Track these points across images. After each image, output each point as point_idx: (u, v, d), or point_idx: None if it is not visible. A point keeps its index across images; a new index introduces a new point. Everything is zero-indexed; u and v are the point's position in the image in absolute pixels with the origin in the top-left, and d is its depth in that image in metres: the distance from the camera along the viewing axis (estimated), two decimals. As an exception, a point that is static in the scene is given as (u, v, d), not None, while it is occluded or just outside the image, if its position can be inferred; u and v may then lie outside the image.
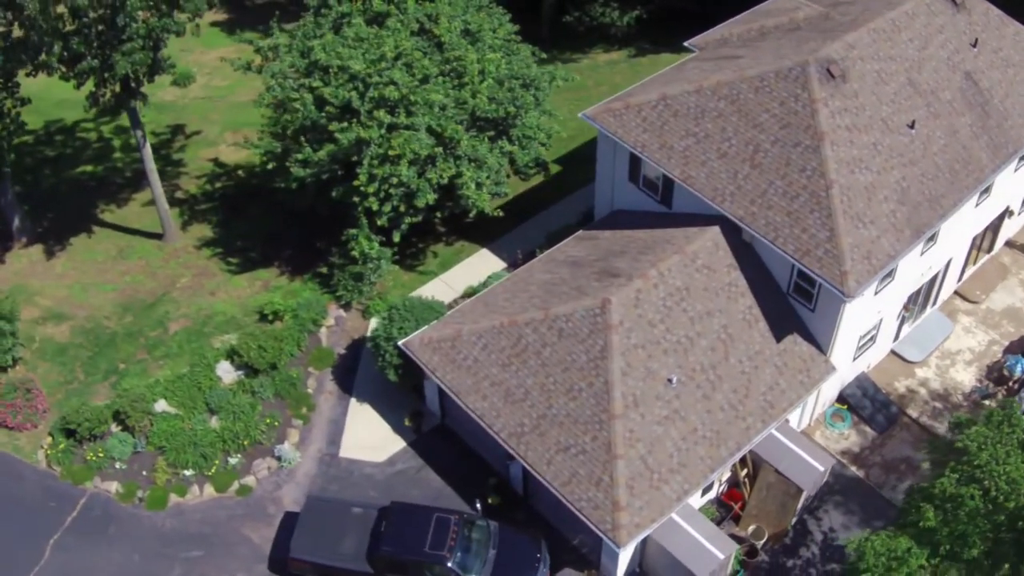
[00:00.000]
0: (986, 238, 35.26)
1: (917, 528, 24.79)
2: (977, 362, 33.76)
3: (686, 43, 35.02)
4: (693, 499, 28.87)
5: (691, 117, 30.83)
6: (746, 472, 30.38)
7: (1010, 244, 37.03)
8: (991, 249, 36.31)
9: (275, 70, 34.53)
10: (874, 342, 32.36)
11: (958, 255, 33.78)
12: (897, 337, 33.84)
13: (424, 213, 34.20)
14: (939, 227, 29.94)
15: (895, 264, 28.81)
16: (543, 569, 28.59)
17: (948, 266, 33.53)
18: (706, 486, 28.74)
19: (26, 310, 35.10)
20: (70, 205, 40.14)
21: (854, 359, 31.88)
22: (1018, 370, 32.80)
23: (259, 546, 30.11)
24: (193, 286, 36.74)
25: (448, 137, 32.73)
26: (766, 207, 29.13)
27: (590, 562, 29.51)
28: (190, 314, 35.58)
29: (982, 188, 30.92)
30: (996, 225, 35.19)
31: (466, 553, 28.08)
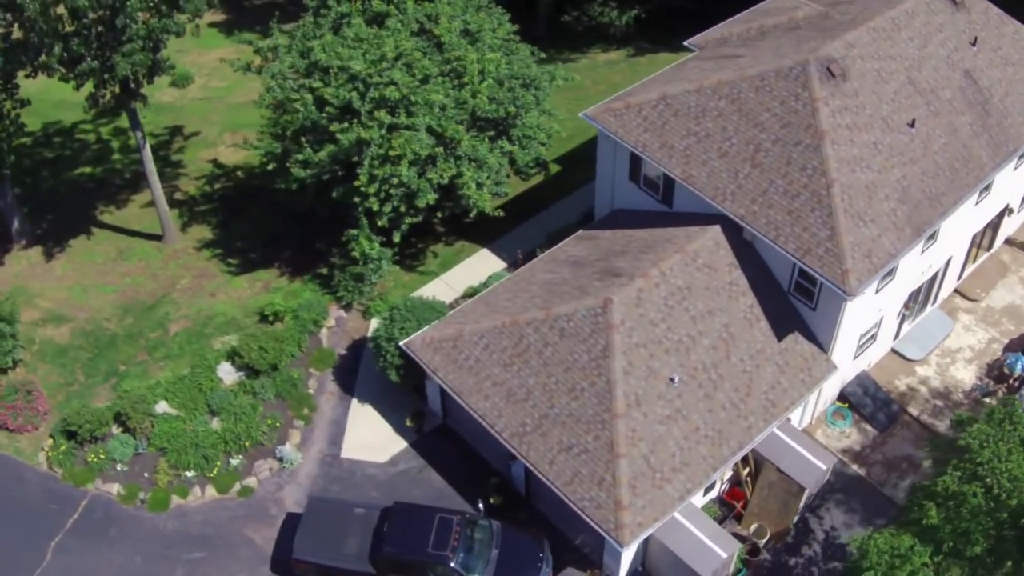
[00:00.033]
0: (986, 236, 35.29)
1: (920, 526, 24.84)
2: (977, 360, 33.79)
3: (686, 42, 34.99)
4: (695, 498, 28.87)
5: (692, 116, 30.83)
6: (748, 471, 30.39)
7: (1010, 242, 37.05)
8: (991, 247, 36.34)
9: (275, 71, 34.46)
10: (875, 340, 32.38)
11: (958, 253, 33.81)
12: (897, 335, 33.87)
13: (424, 213, 34.18)
14: (939, 225, 29.98)
15: (896, 262, 28.82)
16: (546, 569, 28.58)
17: (948, 264, 33.55)
18: (708, 485, 28.75)
19: (26, 312, 35.03)
20: (69, 207, 40.07)
21: (855, 357, 31.90)
22: (1018, 368, 32.83)
23: (261, 547, 30.09)
24: (193, 287, 36.70)
25: (449, 137, 32.70)
26: (767, 206, 29.15)
27: (592, 562, 29.52)
28: (190, 315, 35.54)
29: (982, 186, 30.96)
30: (996, 223, 35.22)
31: (469, 553, 28.05)
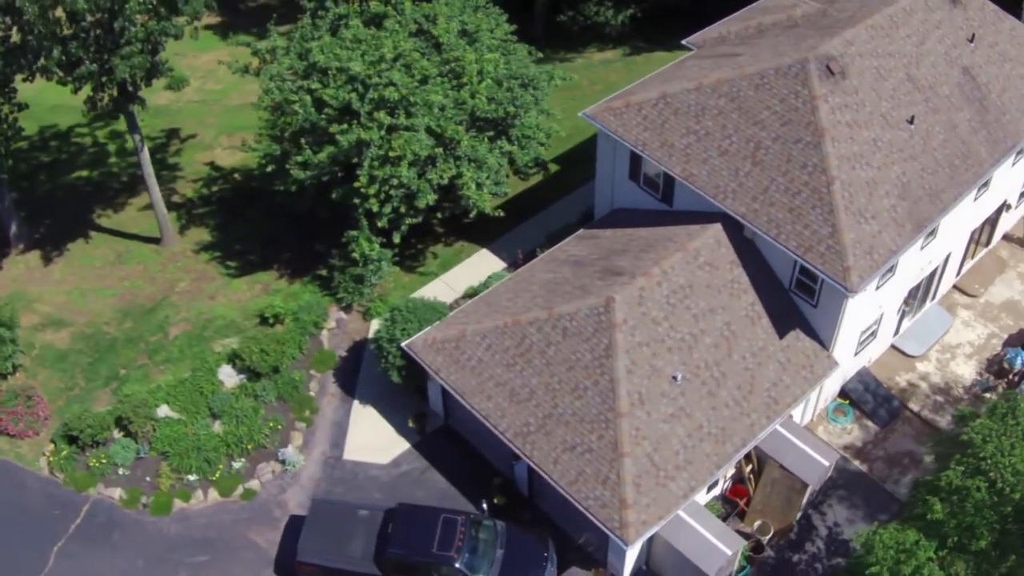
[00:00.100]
0: (984, 232, 35.40)
1: (924, 521, 24.89)
2: (977, 355, 33.90)
3: (684, 41, 35.04)
4: (699, 496, 28.92)
5: (691, 115, 30.87)
6: (751, 468, 30.44)
7: (1008, 238, 37.17)
8: (989, 243, 36.46)
9: (273, 72, 34.41)
10: (875, 337, 32.46)
11: (957, 249, 33.91)
12: (897, 331, 33.97)
13: (424, 214, 34.16)
14: (939, 222, 30.08)
15: (897, 259, 28.92)
16: (551, 568, 28.58)
17: (947, 260, 33.65)
18: (711, 483, 28.79)
19: (25, 317, 34.90)
20: (67, 211, 39.95)
21: (855, 354, 31.97)
22: (1018, 363, 32.93)
23: (265, 550, 30.01)
24: (192, 290, 36.61)
25: (448, 138, 32.69)
26: (768, 204, 29.20)
27: (597, 560, 29.54)
28: (190, 318, 35.45)
29: (981, 182, 31.06)
30: (994, 219, 35.34)
31: (473, 554, 28.03)
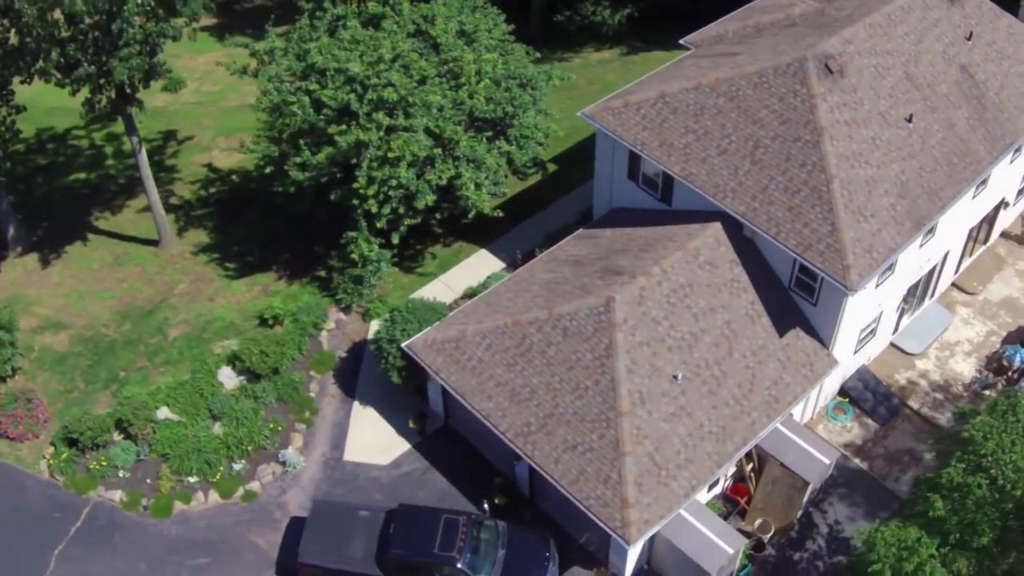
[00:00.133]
0: (982, 229, 35.47)
1: (926, 518, 24.95)
2: (976, 353, 33.97)
3: (681, 40, 35.07)
4: (700, 495, 28.94)
5: (690, 114, 30.90)
6: (751, 466, 30.47)
7: (1006, 235, 37.27)
8: (987, 240, 36.54)
9: (271, 74, 34.39)
10: (874, 335, 32.51)
11: (955, 247, 33.97)
12: (896, 329, 34.03)
13: (423, 214, 34.15)
14: (938, 219, 30.13)
15: (896, 257, 28.98)
16: (552, 568, 28.58)
17: (946, 258, 33.71)
18: (712, 482, 28.82)
19: (24, 319, 34.84)
20: (64, 213, 39.89)
21: (855, 352, 32.02)
22: (1017, 360, 33.01)
23: (266, 552, 29.98)
24: (191, 292, 36.57)
25: (447, 138, 32.68)
26: (767, 203, 29.24)
27: (598, 560, 29.56)
28: (189, 320, 35.41)
29: (980, 180, 31.12)
30: (992, 217, 35.42)
31: (475, 554, 28.02)
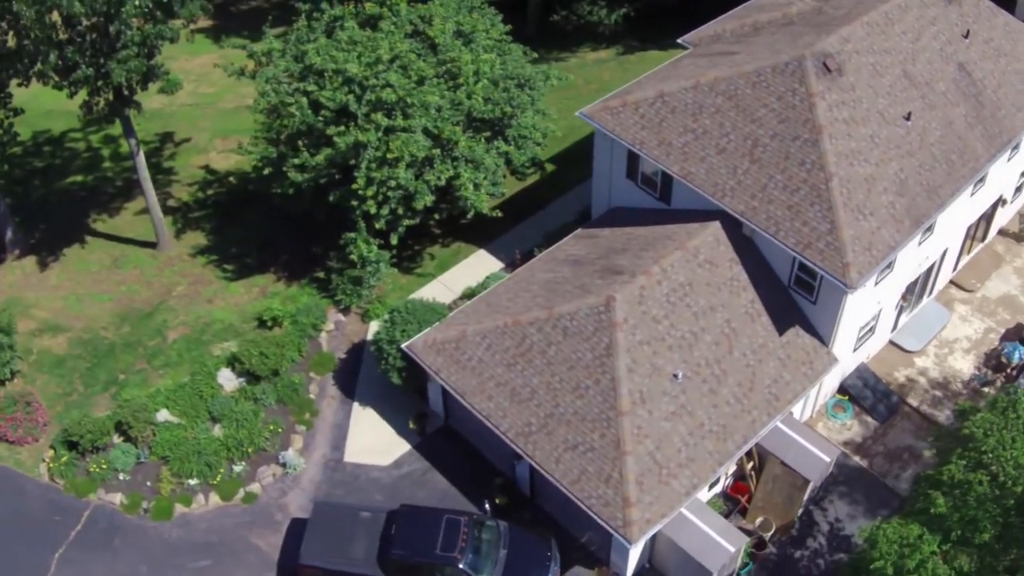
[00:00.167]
0: (980, 227, 35.55)
1: (927, 515, 24.95)
2: (975, 350, 34.04)
3: (679, 40, 35.10)
4: (701, 493, 28.97)
5: (689, 113, 30.93)
6: (752, 465, 30.50)
7: (1003, 232, 37.36)
8: (985, 238, 36.62)
9: (269, 75, 34.34)
10: (873, 332, 32.56)
11: (954, 244, 34.04)
12: (895, 327, 34.09)
13: (422, 215, 34.14)
14: (937, 217, 30.19)
15: (895, 255, 29.03)
16: (554, 568, 28.59)
17: (944, 256, 33.77)
18: (713, 480, 28.84)
19: (22, 322, 34.75)
20: (61, 216, 39.79)
21: (854, 350, 32.08)
22: (1016, 357, 33.09)
23: (267, 554, 29.95)
24: (190, 294, 36.51)
25: (446, 139, 32.67)
26: (766, 201, 29.27)
27: (599, 559, 29.57)
28: (188, 322, 35.35)
29: (978, 178, 31.19)
30: (990, 214, 35.49)
31: (477, 554, 28.02)
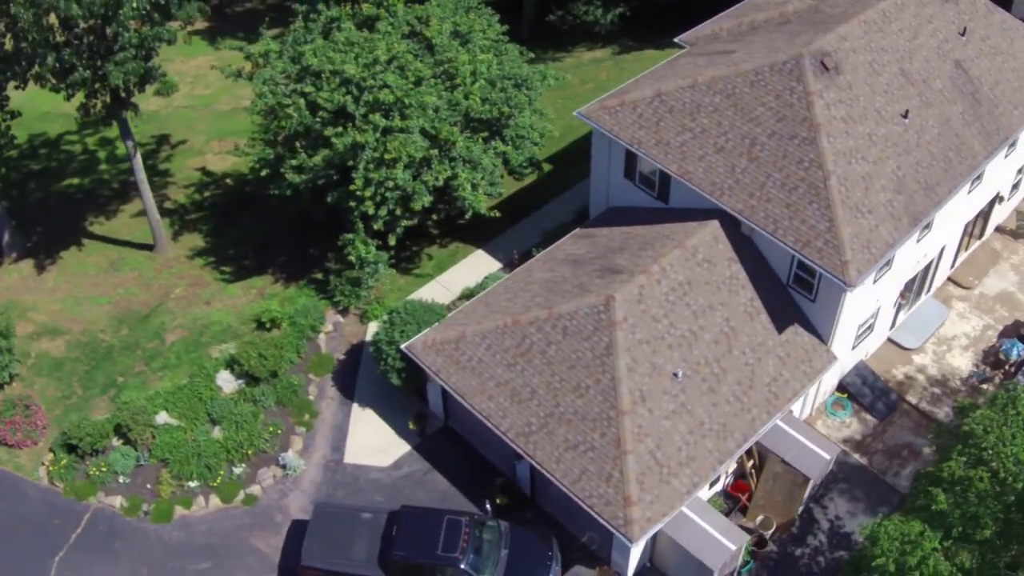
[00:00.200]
0: (977, 224, 35.61)
1: (928, 512, 25.00)
2: (973, 347, 34.11)
3: (676, 39, 35.13)
4: (702, 492, 29.00)
5: (687, 112, 30.96)
6: (752, 463, 30.54)
7: (1000, 229, 37.44)
8: (982, 235, 36.69)
9: (266, 76, 34.31)
10: (872, 330, 32.62)
11: (951, 242, 34.11)
12: (893, 325, 34.15)
13: (420, 215, 34.13)
14: (935, 215, 30.25)
15: (894, 253, 29.08)
16: (555, 567, 28.61)
17: (942, 253, 33.84)
18: (714, 479, 28.87)
19: (20, 326, 34.68)
20: (58, 219, 39.74)
21: (853, 348, 32.13)
22: (1014, 353, 33.18)
23: (268, 555, 29.93)
24: (188, 296, 36.46)
25: (443, 139, 32.66)
26: (765, 200, 29.31)
27: (600, 558, 29.59)
28: (186, 324, 35.30)
29: (976, 175, 31.26)
30: (987, 211, 35.56)
31: (478, 554, 28.02)
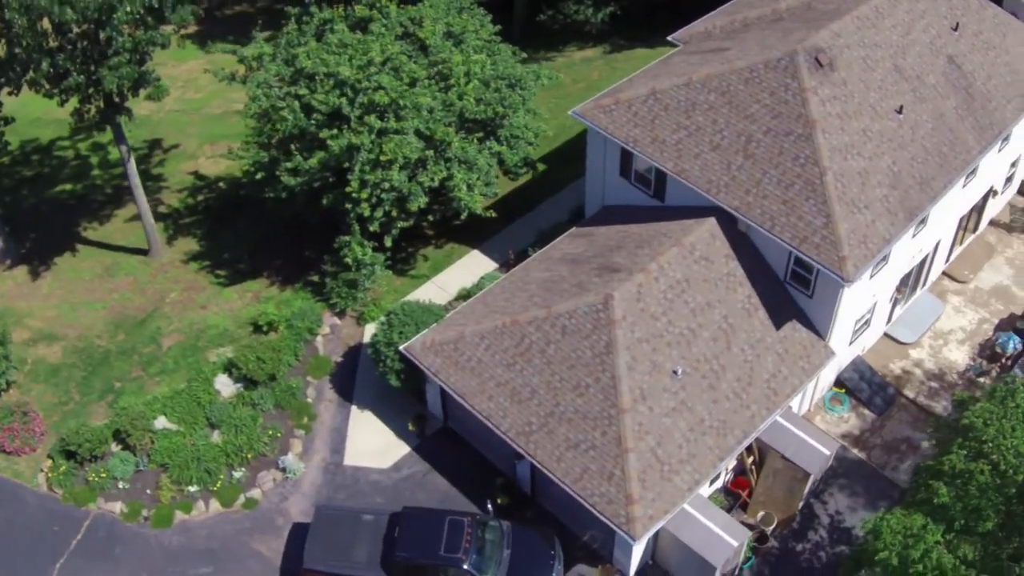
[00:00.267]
0: (971, 218, 35.76)
1: (930, 505, 25.10)
2: (969, 341, 34.25)
3: (669, 37, 35.17)
4: (702, 489, 29.05)
5: (682, 111, 31.01)
6: (752, 459, 30.61)
7: (994, 223, 37.59)
8: (976, 229, 36.84)
9: (260, 79, 34.23)
10: (868, 325, 32.73)
11: (946, 236, 34.24)
12: (890, 319, 34.27)
13: (415, 217, 34.11)
14: (931, 209, 30.36)
15: (890, 247, 29.18)
16: (558, 566, 28.65)
17: (937, 247, 33.98)
18: (714, 475, 28.93)
19: (16, 332, 34.57)
20: (52, 224, 39.57)
21: (850, 343, 32.23)
22: (1010, 347, 33.32)
23: (269, 559, 29.87)
24: (183, 300, 36.35)
25: (439, 140, 32.64)
26: (761, 197, 29.38)
27: (602, 557, 29.62)
28: (182, 329, 35.20)
29: (970, 169, 31.40)
30: (981, 205, 35.71)
31: (481, 554, 28.03)
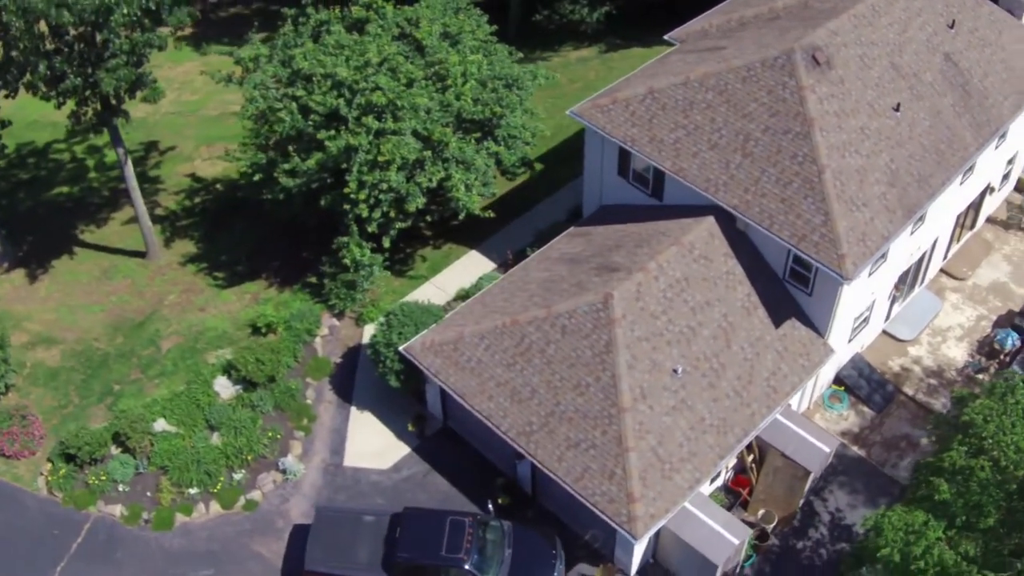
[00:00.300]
0: (969, 215, 35.84)
1: (931, 502, 25.15)
2: (968, 337, 34.31)
3: (666, 36, 35.20)
4: (703, 487, 29.08)
5: (680, 109, 31.04)
6: (753, 458, 30.64)
7: (992, 220, 37.66)
8: (974, 226, 36.91)
9: (257, 81, 34.19)
10: (867, 323, 32.78)
11: (944, 233, 34.31)
12: (888, 317, 34.33)
13: (414, 217, 34.10)
14: (929, 207, 30.43)
15: (889, 245, 29.24)
16: (559, 566, 28.66)
17: (935, 245, 34.05)
18: (715, 474, 28.96)
19: (14, 335, 34.51)
20: (49, 227, 39.52)
21: (849, 340, 32.28)
22: (1008, 343, 33.40)
23: (269, 561, 29.85)
24: (181, 303, 36.31)
25: (436, 141, 32.64)
26: (760, 195, 29.42)
27: (603, 556, 29.64)
28: (181, 331, 35.15)
29: (968, 167, 31.46)
30: (978, 202, 35.79)
31: (482, 554, 28.03)
